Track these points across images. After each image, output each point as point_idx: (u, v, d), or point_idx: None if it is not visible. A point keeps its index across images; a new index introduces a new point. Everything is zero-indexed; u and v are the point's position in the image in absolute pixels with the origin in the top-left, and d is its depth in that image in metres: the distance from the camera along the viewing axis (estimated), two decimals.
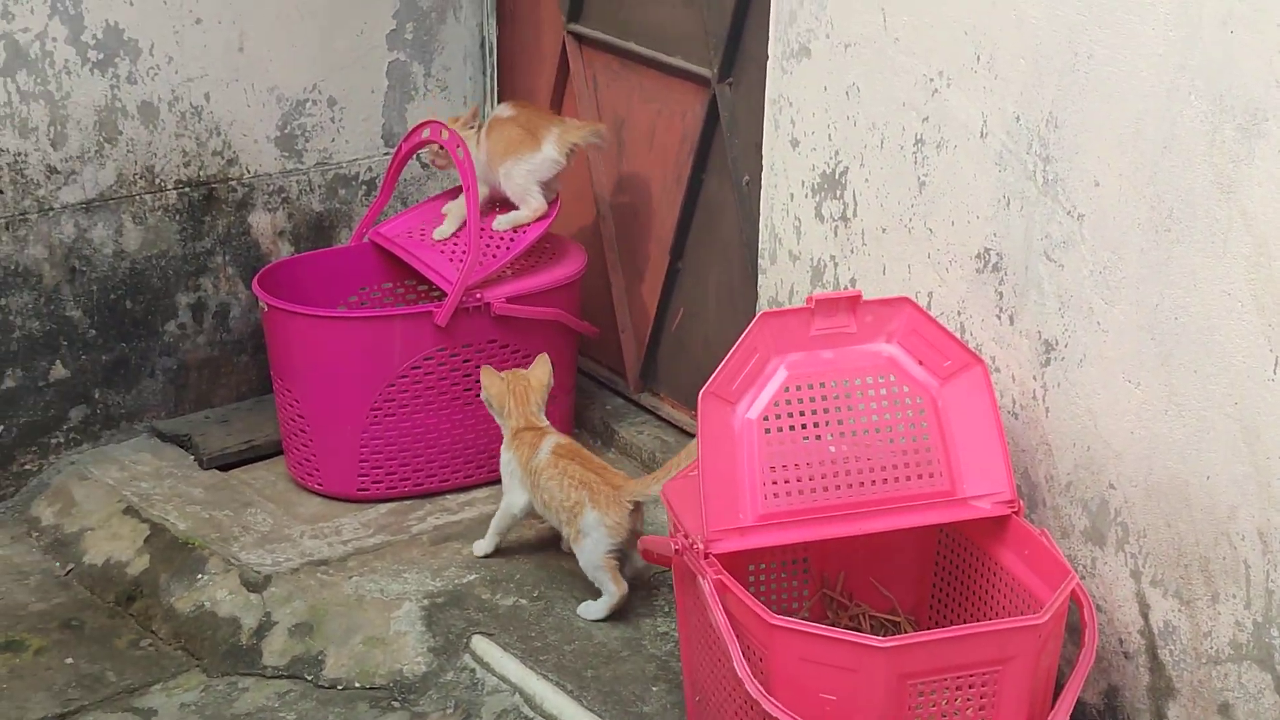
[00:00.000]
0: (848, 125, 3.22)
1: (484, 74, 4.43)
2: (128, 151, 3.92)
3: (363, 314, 3.75)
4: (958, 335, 2.98)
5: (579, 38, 4.14)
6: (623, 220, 4.12)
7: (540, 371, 3.56)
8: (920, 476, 2.86)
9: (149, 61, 3.89)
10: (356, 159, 4.28)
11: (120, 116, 3.88)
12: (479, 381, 3.59)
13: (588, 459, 3.47)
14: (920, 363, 2.88)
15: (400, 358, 3.71)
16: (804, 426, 2.85)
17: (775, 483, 2.81)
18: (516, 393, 3.53)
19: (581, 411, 4.13)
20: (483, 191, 3.83)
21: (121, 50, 3.85)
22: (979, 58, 2.92)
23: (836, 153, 3.26)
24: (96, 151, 3.87)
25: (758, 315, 2.86)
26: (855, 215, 3.24)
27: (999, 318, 2.97)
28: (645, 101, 3.98)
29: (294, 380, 3.79)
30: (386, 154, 4.30)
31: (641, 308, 4.11)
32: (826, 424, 2.85)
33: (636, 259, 4.10)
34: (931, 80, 3.02)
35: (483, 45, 4.40)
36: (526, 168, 3.79)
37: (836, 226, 3.29)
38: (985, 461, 2.85)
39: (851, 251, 3.27)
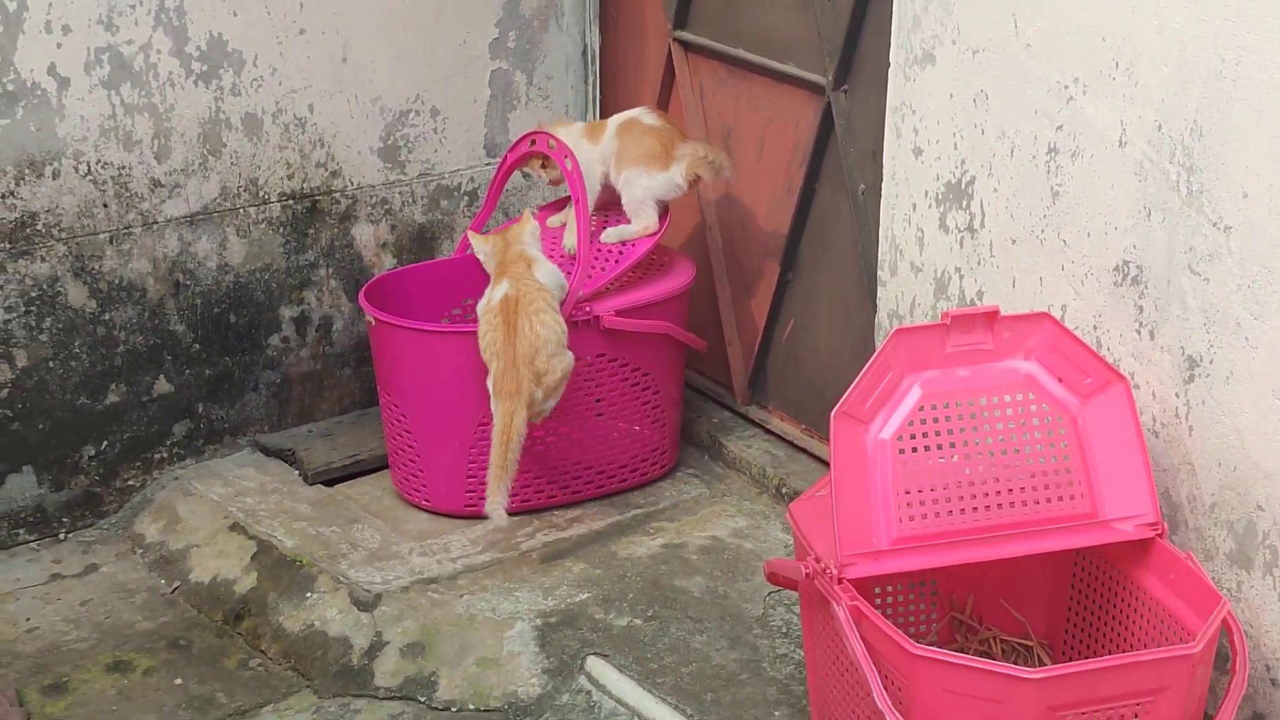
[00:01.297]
0: (975, 134, 3.13)
1: (586, 83, 4.36)
2: (231, 164, 3.88)
3: (471, 328, 3.69)
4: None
5: (685, 45, 4.07)
6: (730, 231, 4.04)
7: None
8: (1059, 499, 2.76)
9: (253, 73, 3.85)
10: (459, 169, 4.22)
11: (224, 129, 3.84)
12: (588, 395, 3.59)
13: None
14: (1059, 380, 2.78)
15: None
16: (939, 447, 2.76)
17: (910, 505, 2.73)
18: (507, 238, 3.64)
19: (688, 425, 4.05)
20: (593, 191, 3.77)
21: (225, 62, 3.80)
22: (1118, 64, 2.82)
23: (963, 162, 3.17)
24: (200, 164, 3.83)
25: (891, 332, 2.77)
26: (983, 226, 3.15)
27: (1139, 333, 2.87)
28: (754, 109, 3.90)
29: (401, 395, 3.73)
30: (489, 164, 4.24)
31: (750, 320, 4.03)
32: (962, 444, 2.76)
33: (745, 270, 4.02)
34: (1066, 88, 2.93)
35: (585, 53, 4.33)
36: (649, 183, 3.73)
37: (962, 237, 3.20)
38: (1127, 482, 2.76)
39: (978, 263, 3.18)
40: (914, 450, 2.74)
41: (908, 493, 2.73)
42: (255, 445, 4.07)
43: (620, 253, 3.76)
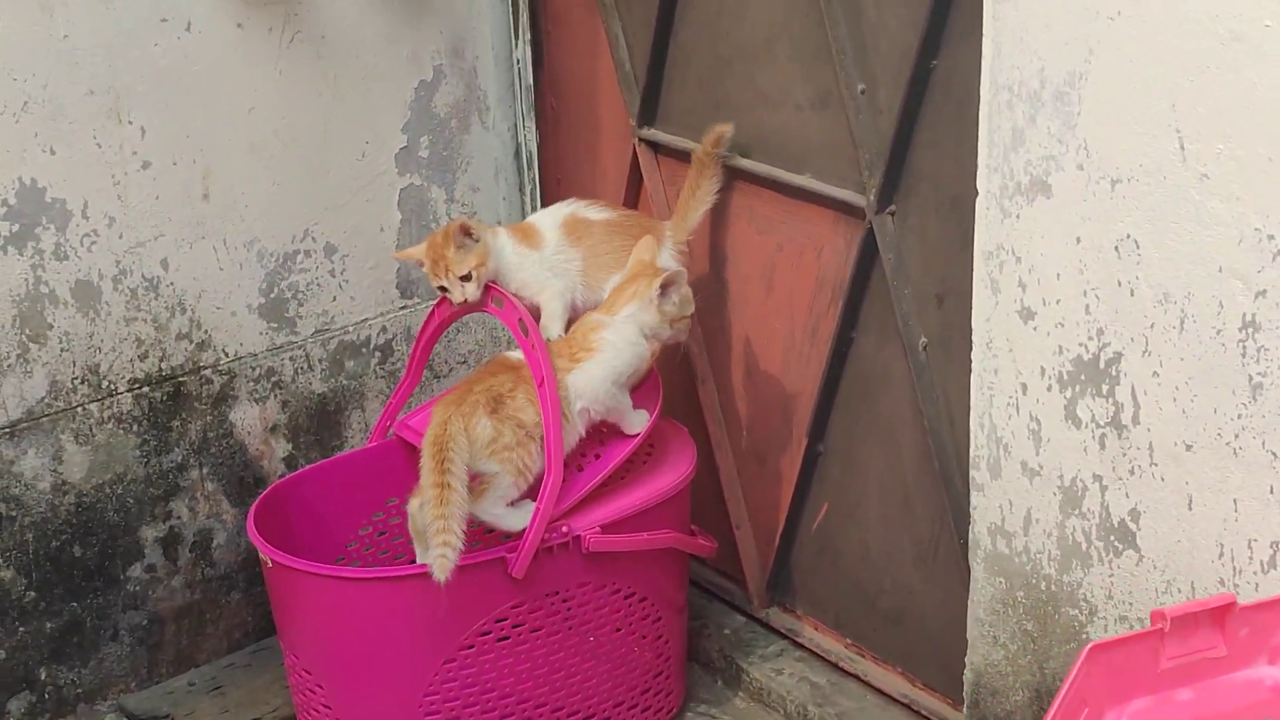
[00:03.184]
0: (1120, 294, 2.20)
1: (522, 191, 3.39)
2: (62, 350, 2.86)
3: (405, 571, 2.70)
4: None
5: (654, 146, 3.11)
6: (731, 384, 3.09)
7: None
8: None
9: (83, 226, 2.84)
10: (366, 319, 3.23)
11: (48, 305, 2.83)
12: (569, 637, 2.68)
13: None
14: None
15: (461, 624, 2.67)
16: None
17: None
18: None
19: (693, 638, 3.10)
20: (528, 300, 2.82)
21: (44, 216, 2.79)
22: None
23: (1100, 331, 2.24)
24: (19, 356, 2.82)
25: (1084, 650, 1.83)
26: (1136, 422, 2.23)
27: None
28: (760, 233, 2.95)
29: (314, 660, 2.74)
30: (405, 308, 3.26)
31: (766, 499, 3.09)
32: None
33: (755, 436, 3.08)
34: (1272, 237, 2.01)
35: (518, 154, 3.36)
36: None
37: (1103, 435, 2.28)
38: None
39: (1131, 473, 2.25)
40: None
41: None
42: (120, 711, 3.06)
43: (597, 452, 2.79)
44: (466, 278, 2.73)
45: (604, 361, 2.72)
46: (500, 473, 2.66)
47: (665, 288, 2.72)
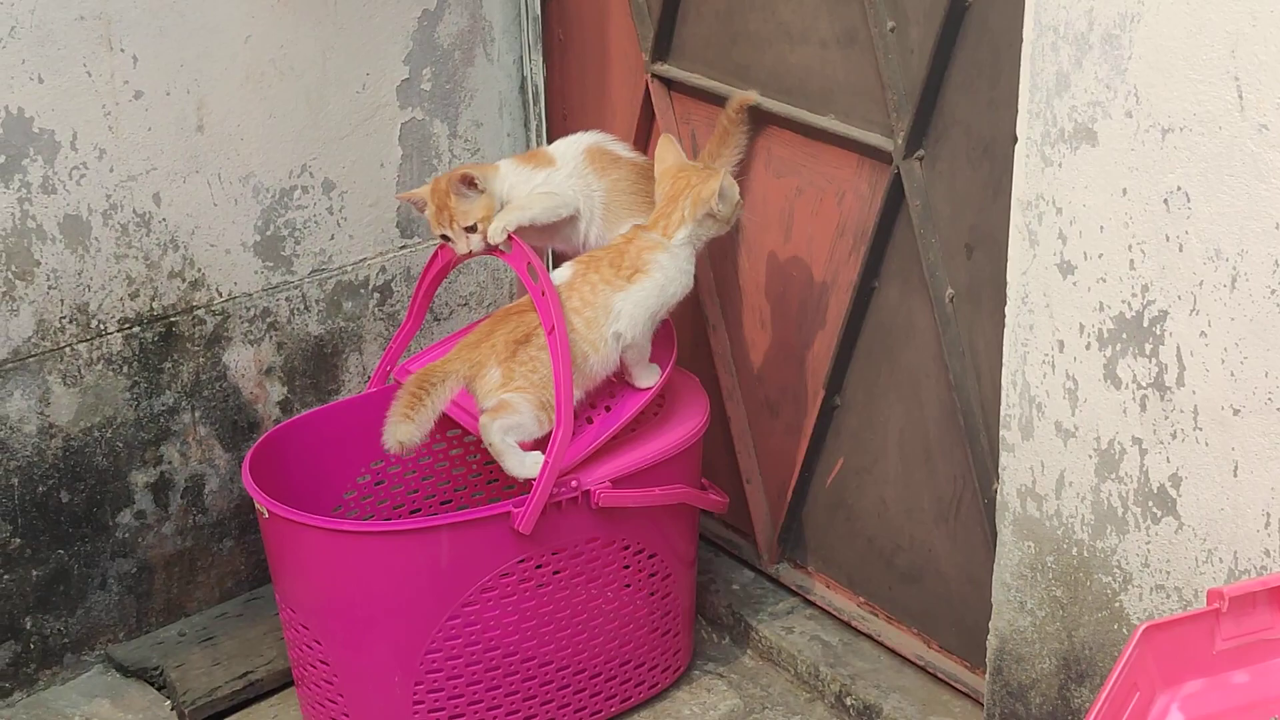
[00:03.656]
0: (1168, 250, 2.09)
1: (527, 127, 3.26)
2: (50, 288, 2.74)
3: (408, 525, 2.60)
4: None
5: (668, 82, 2.98)
6: (746, 332, 2.98)
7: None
8: None
9: (71, 158, 2.71)
10: (365, 258, 3.11)
11: (35, 240, 2.70)
12: (582, 590, 2.58)
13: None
14: None
15: (464, 580, 2.57)
16: None
17: None
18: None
19: (701, 593, 3.00)
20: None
21: (31, 147, 2.66)
22: None
23: (1145, 288, 2.13)
24: (4, 294, 2.70)
25: (1137, 631, 1.73)
26: (1181, 383, 2.12)
27: None
28: (777, 176, 2.83)
29: (311, 614, 2.64)
30: (405, 248, 3.14)
31: (778, 452, 2.98)
32: None
33: (767, 386, 2.97)
34: None
35: (524, 88, 3.23)
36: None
37: (1145, 396, 2.17)
38: None
39: (1174, 436, 2.15)
40: None
41: None
42: (108, 662, 2.96)
43: (607, 404, 2.68)
44: (471, 228, 2.61)
45: (654, 286, 2.59)
46: (521, 401, 2.54)
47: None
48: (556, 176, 2.71)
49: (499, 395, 2.57)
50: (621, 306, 2.57)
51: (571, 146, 2.77)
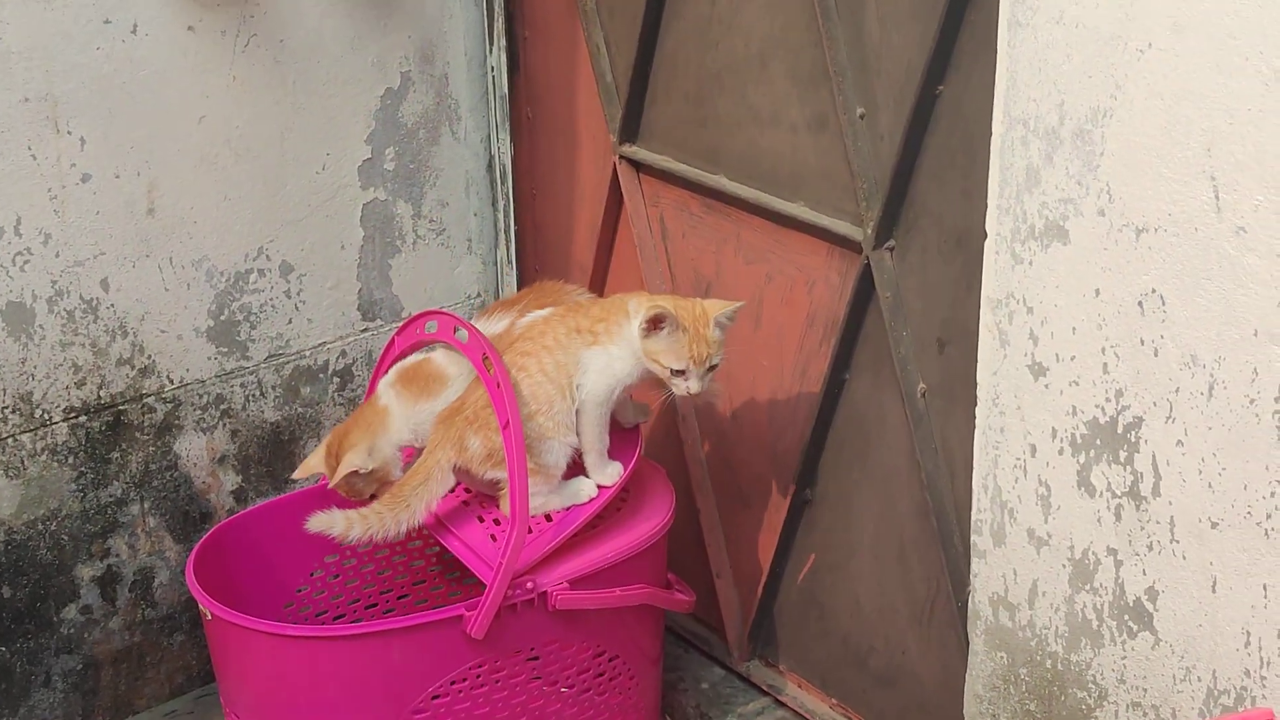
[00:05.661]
0: (1142, 354, 2.00)
1: (494, 206, 3.17)
2: None
3: (356, 630, 2.49)
4: None
5: (636, 164, 2.89)
6: (714, 423, 2.89)
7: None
8: None
9: (15, 244, 2.62)
10: (324, 343, 3.02)
11: None
12: (540, 695, 2.50)
13: None
14: None
15: (415, 686, 2.47)
16: None
17: None
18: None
19: (667, 692, 2.89)
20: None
21: None
22: None
23: (1119, 393, 2.03)
24: None
25: None
26: (1157, 493, 2.02)
27: None
28: (747, 263, 2.74)
29: (256, 719, 2.53)
30: (366, 330, 3.05)
31: (748, 546, 2.88)
32: None
33: (738, 479, 2.87)
34: None
35: (491, 167, 3.15)
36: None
37: (1120, 506, 2.07)
38: None
39: (1150, 548, 2.05)
40: None
41: None
42: None
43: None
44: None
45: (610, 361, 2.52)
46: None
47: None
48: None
49: (492, 471, 2.49)
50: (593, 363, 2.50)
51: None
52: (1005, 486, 2.21)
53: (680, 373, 2.45)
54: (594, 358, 2.50)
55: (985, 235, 2.16)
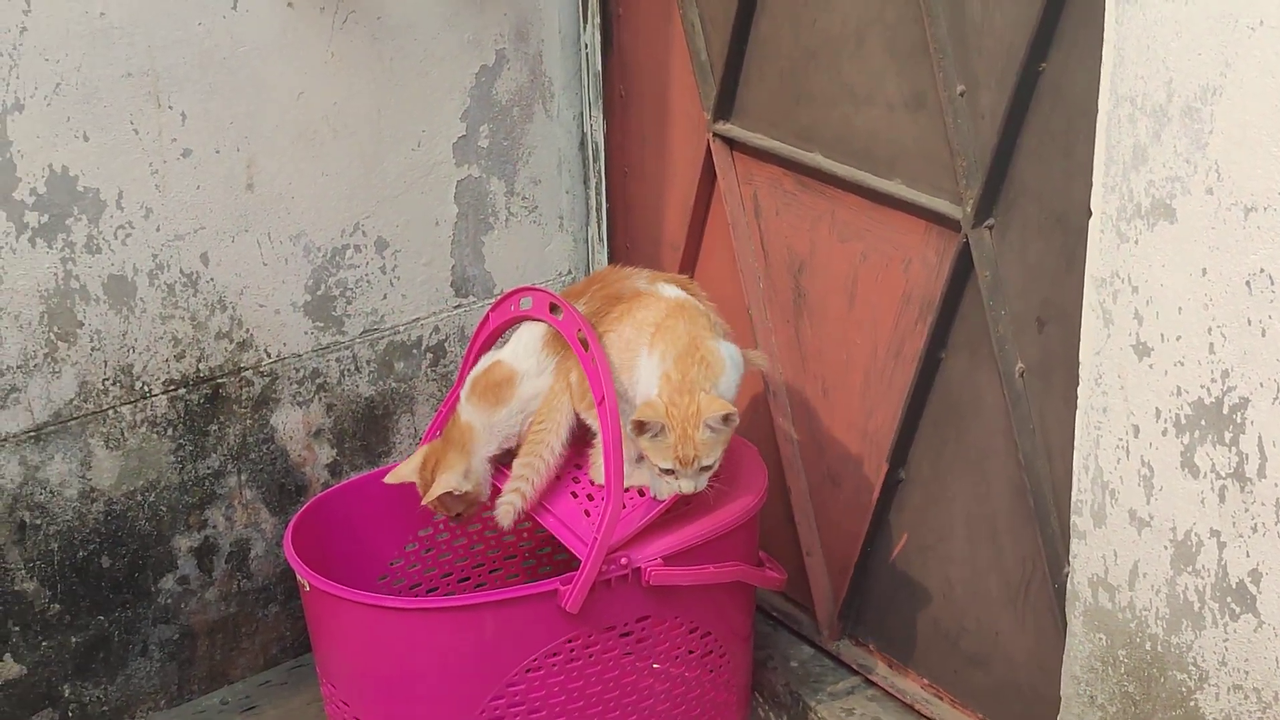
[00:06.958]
0: (1249, 334, 1.98)
1: (586, 184, 3.18)
2: (93, 349, 2.68)
3: (450, 602, 2.51)
4: None
5: (730, 142, 2.89)
6: (806, 401, 2.88)
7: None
8: None
9: (117, 217, 2.65)
10: (418, 319, 3.04)
11: (79, 301, 2.65)
12: (633, 670, 2.48)
13: None
14: None
15: (509, 660, 2.49)
16: None
17: None
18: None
19: (757, 669, 2.89)
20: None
21: (75, 206, 2.61)
22: None
23: (1225, 374, 2.02)
24: (47, 355, 2.64)
25: None
26: (1262, 475, 2.00)
27: None
28: (842, 240, 2.73)
29: (352, 690, 2.56)
30: (459, 308, 3.07)
31: (839, 525, 2.88)
32: None
33: (829, 458, 2.86)
34: None
35: (584, 145, 3.15)
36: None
37: (1224, 487, 2.05)
38: None
39: (1254, 530, 2.03)
40: None
41: None
42: None
43: None
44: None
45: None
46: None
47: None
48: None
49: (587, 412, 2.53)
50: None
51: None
52: (1107, 467, 2.20)
53: (669, 471, 2.43)
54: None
55: (1088, 214, 2.14)
